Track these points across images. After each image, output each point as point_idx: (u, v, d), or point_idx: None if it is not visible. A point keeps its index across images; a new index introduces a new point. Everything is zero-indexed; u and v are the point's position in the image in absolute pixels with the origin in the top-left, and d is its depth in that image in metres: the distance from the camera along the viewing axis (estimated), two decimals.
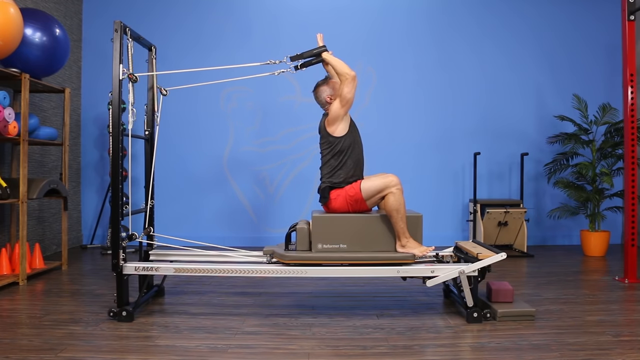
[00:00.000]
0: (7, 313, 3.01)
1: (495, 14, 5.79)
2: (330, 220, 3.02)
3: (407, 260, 2.94)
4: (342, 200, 3.08)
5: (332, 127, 3.14)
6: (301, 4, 5.73)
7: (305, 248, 3.01)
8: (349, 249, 2.98)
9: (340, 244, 2.99)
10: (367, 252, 2.99)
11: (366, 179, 3.10)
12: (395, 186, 2.99)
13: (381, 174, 3.12)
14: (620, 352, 2.39)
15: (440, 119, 5.75)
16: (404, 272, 2.91)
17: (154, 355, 2.36)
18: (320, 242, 2.99)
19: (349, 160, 3.13)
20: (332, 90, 3.21)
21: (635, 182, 3.89)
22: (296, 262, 2.95)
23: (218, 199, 5.66)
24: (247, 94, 5.70)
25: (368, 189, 3.05)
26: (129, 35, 2.97)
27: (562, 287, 3.71)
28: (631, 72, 3.88)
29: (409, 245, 3.00)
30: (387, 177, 3.03)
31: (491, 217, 5.15)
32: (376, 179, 3.07)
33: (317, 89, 3.25)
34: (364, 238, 3.01)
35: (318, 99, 3.26)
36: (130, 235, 3.02)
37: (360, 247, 3.00)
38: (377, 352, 2.41)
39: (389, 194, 2.99)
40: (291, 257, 2.95)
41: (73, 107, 5.42)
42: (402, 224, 2.97)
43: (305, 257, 2.96)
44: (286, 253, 2.98)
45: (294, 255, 2.96)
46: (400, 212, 2.96)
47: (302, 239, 3.02)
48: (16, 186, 3.79)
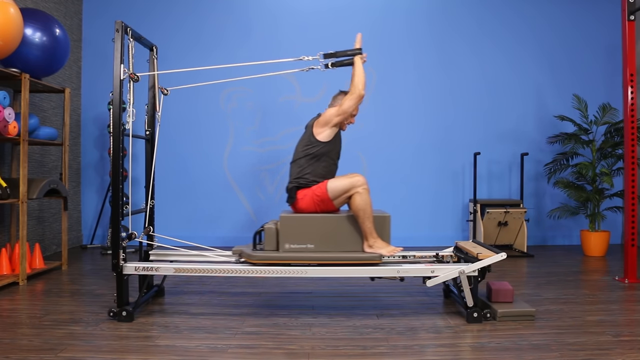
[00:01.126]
0: (7, 313, 3.01)
1: (495, 14, 5.79)
2: (297, 220, 3.02)
3: (375, 260, 2.94)
4: (309, 200, 3.08)
5: (318, 129, 3.15)
6: (301, 4, 5.73)
7: (272, 248, 3.02)
8: (317, 249, 2.99)
9: (308, 244, 2.99)
10: (334, 252, 2.99)
11: (333, 179, 3.09)
12: (361, 186, 2.99)
13: (348, 174, 3.10)
14: (620, 352, 2.39)
15: (440, 119, 5.75)
16: (404, 272, 2.91)
17: (154, 355, 2.36)
18: (288, 242, 2.99)
19: (320, 167, 3.13)
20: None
21: (635, 182, 3.89)
22: (263, 262, 2.95)
23: (218, 199, 5.66)
24: (247, 94, 5.70)
25: (334, 189, 3.03)
26: (130, 35, 2.97)
27: (562, 287, 3.71)
28: (631, 72, 3.88)
29: (376, 245, 2.99)
30: (354, 177, 3.02)
31: (491, 217, 5.15)
32: (343, 178, 3.06)
33: (340, 95, 3.26)
34: (331, 238, 3.01)
35: (335, 98, 3.27)
36: (130, 235, 3.02)
37: (327, 247, 3.00)
38: (377, 352, 2.41)
39: (355, 194, 2.98)
40: (258, 256, 2.96)
41: (73, 107, 5.42)
42: (369, 223, 2.96)
43: (272, 257, 2.96)
44: (253, 253, 2.98)
45: (261, 255, 2.96)
46: (366, 212, 2.95)
47: (270, 238, 3.02)
48: (16, 186, 3.79)
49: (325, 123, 3.13)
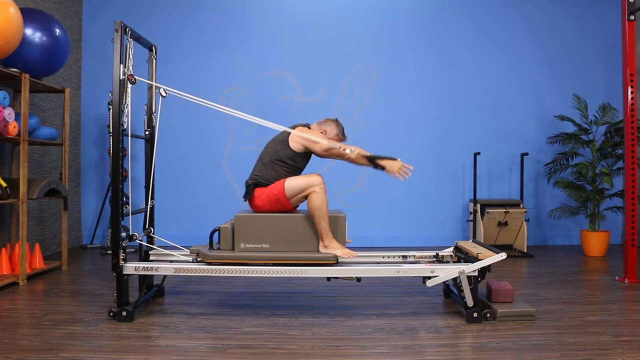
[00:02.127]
0: (7, 313, 3.01)
1: (495, 14, 5.79)
2: (253, 219, 3.01)
3: (330, 261, 2.93)
4: (265, 198, 3.07)
5: (295, 140, 3.16)
6: (301, 4, 5.73)
7: (228, 247, 3.02)
8: (272, 249, 2.98)
9: (263, 244, 2.99)
10: (290, 252, 2.99)
11: (290, 178, 3.08)
12: (318, 185, 2.99)
13: (306, 174, 3.11)
14: (620, 352, 2.39)
15: (440, 119, 5.75)
16: (404, 272, 2.91)
17: (154, 355, 2.36)
18: (243, 242, 2.99)
19: (283, 171, 3.13)
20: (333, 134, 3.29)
21: (635, 182, 3.89)
22: (218, 261, 2.94)
23: (218, 199, 5.66)
24: (247, 94, 5.70)
25: (291, 188, 3.03)
26: (130, 35, 2.97)
27: (562, 287, 3.71)
28: (631, 72, 3.88)
29: (331, 245, 2.98)
30: (311, 177, 3.03)
31: (491, 217, 5.15)
32: (300, 178, 3.06)
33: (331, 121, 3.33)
34: (287, 238, 3.01)
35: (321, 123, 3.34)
36: (131, 236, 3.02)
37: (283, 246, 3.00)
38: (377, 352, 2.41)
39: (312, 193, 2.97)
40: (214, 256, 2.95)
41: (73, 107, 5.42)
42: (325, 223, 2.96)
43: (227, 256, 2.96)
44: (209, 252, 2.98)
45: (217, 255, 2.96)
46: (322, 211, 2.94)
47: (226, 238, 3.02)
48: (16, 186, 3.79)
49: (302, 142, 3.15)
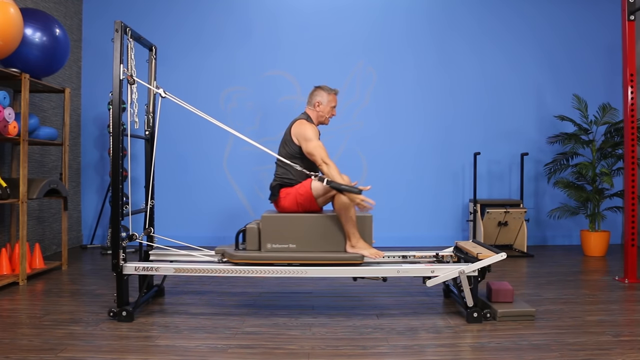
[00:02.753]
0: (7, 313, 3.01)
1: (495, 14, 5.79)
2: (279, 220, 3.01)
3: (356, 261, 2.93)
4: (291, 199, 3.09)
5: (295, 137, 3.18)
6: (301, 4, 5.73)
7: (254, 248, 3.02)
8: (298, 249, 2.98)
9: (290, 244, 2.99)
10: (316, 252, 2.98)
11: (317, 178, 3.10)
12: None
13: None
14: (620, 352, 2.39)
15: (440, 119, 5.75)
16: (404, 271, 2.91)
17: (154, 355, 2.36)
18: (270, 242, 2.99)
19: (303, 166, 3.14)
20: (326, 102, 3.27)
21: (635, 182, 3.89)
22: (245, 261, 2.94)
23: (218, 199, 5.66)
24: (247, 94, 5.70)
25: (318, 188, 3.03)
26: (130, 35, 2.97)
27: (562, 287, 3.71)
28: (631, 72, 3.88)
29: (358, 245, 2.98)
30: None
31: (491, 217, 5.15)
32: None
33: (319, 90, 3.31)
34: (314, 238, 3.01)
35: (311, 96, 3.33)
36: (131, 236, 3.02)
37: (309, 246, 3.00)
38: (377, 352, 2.41)
39: (338, 194, 2.98)
40: (240, 256, 2.95)
41: (73, 107, 5.42)
42: (352, 224, 2.96)
43: (254, 256, 2.96)
44: (235, 252, 2.98)
45: (243, 255, 2.96)
46: (349, 211, 2.94)
47: (252, 238, 3.02)
48: (16, 186, 3.79)
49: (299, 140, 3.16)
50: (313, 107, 3.29)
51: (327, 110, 3.28)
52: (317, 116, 3.29)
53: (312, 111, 3.30)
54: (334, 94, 3.30)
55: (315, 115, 3.29)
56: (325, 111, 3.28)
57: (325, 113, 3.28)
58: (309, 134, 3.11)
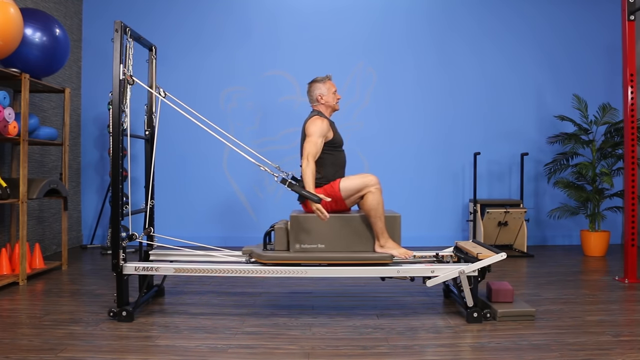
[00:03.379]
0: (7, 313, 3.01)
1: (495, 14, 5.79)
2: (308, 220, 3.00)
3: (385, 260, 2.93)
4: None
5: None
6: (301, 4, 5.73)
7: (283, 248, 3.01)
8: (327, 249, 2.98)
9: (319, 244, 2.98)
10: (345, 252, 2.98)
11: (345, 178, 3.10)
12: (374, 185, 3.00)
13: (360, 173, 3.12)
14: (620, 352, 2.39)
15: (440, 119, 5.75)
16: (404, 272, 2.91)
17: (154, 355, 2.36)
18: (298, 242, 2.98)
19: (329, 162, 3.14)
20: (327, 91, 3.25)
21: (635, 182, 3.89)
22: (273, 262, 2.94)
23: (218, 199, 5.66)
24: (247, 94, 5.70)
25: (347, 188, 3.04)
26: (129, 35, 2.97)
27: (562, 287, 3.71)
28: (631, 72, 3.88)
29: (387, 245, 2.99)
30: (366, 177, 3.03)
31: (491, 217, 5.15)
32: (355, 178, 3.06)
33: (313, 84, 3.30)
34: (342, 238, 3.00)
35: (310, 93, 3.31)
36: (130, 236, 3.02)
37: (338, 247, 2.99)
38: (377, 352, 2.41)
39: (368, 193, 2.98)
40: (269, 257, 2.95)
41: (73, 107, 5.42)
42: (381, 223, 2.97)
43: (282, 257, 2.96)
44: (264, 253, 2.98)
45: (272, 255, 2.95)
46: (378, 211, 2.95)
47: (280, 238, 3.02)
48: (16, 186, 3.79)
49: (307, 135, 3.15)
50: (318, 102, 3.27)
51: (331, 98, 3.26)
52: (326, 107, 3.27)
53: (319, 106, 3.27)
54: (328, 80, 3.28)
55: (324, 108, 3.27)
56: (330, 99, 3.26)
57: (331, 100, 3.26)
58: (312, 130, 3.10)
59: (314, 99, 3.28)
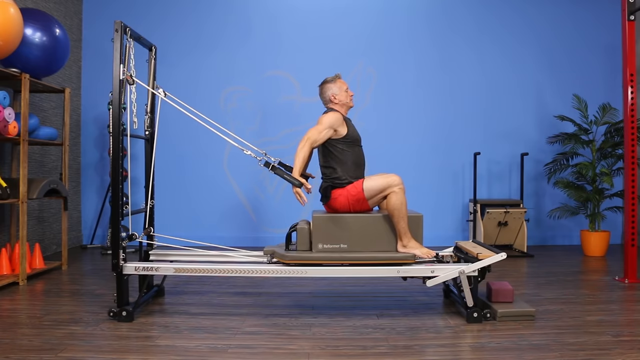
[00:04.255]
0: (7, 313, 3.01)
1: (495, 14, 5.79)
2: (330, 220, 3.01)
3: (408, 260, 2.94)
4: (343, 200, 3.08)
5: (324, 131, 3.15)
6: (301, 4, 5.73)
7: (305, 248, 3.01)
8: (350, 249, 2.98)
9: (341, 244, 2.98)
10: (367, 252, 2.98)
11: (368, 178, 3.10)
12: (397, 185, 3.00)
13: (383, 173, 3.13)
14: (620, 352, 2.39)
15: (440, 119, 5.75)
16: (404, 272, 2.91)
17: (154, 355, 2.36)
18: (321, 242, 2.98)
19: (349, 161, 3.14)
20: (338, 90, 3.24)
21: (635, 182, 3.89)
22: (297, 262, 2.94)
23: (218, 199, 5.66)
24: (247, 94, 5.70)
25: (370, 188, 3.05)
26: (129, 35, 2.97)
27: (562, 287, 3.71)
28: (631, 72, 3.88)
29: (410, 245, 3.00)
30: (390, 177, 3.04)
31: (491, 217, 5.15)
32: (378, 178, 3.07)
33: (324, 85, 3.29)
34: (365, 238, 3.00)
35: (322, 95, 3.30)
36: (130, 235, 3.02)
37: (361, 247, 2.99)
38: (377, 352, 2.41)
39: (392, 194, 2.99)
40: (292, 257, 2.95)
41: (73, 107, 5.42)
42: (404, 223, 2.98)
43: (305, 257, 2.96)
44: (287, 253, 2.98)
45: (295, 255, 2.96)
46: (402, 211, 2.97)
47: (303, 239, 3.01)
48: (16, 186, 3.79)
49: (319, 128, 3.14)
50: (332, 102, 3.25)
51: (344, 96, 3.25)
52: (341, 106, 3.25)
53: (333, 105, 3.26)
54: (339, 79, 3.28)
55: (339, 107, 3.25)
56: (343, 97, 3.24)
57: (345, 98, 3.25)
58: (323, 120, 3.11)
59: (327, 100, 3.27)
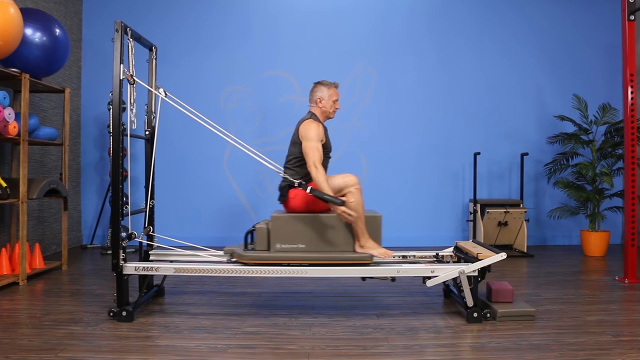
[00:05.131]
0: (7, 313, 3.01)
1: (495, 14, 5.79)
2: (288, 220, 3.01)
3: (365, 260, 2.94)
4: (300, 199, 3.07)
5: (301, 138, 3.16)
6: (301, 4, 5.73)
7: (264, 248, 3.02)
8: (308, 249, 2.98)
9: (299, 244, 2.99)
10: (325, 252, 2.99)
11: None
12: (353, 185, 2.99)
13: (342, 173, 3.10)
14: (620, 352, 2.39)
15: (440, 119, 5.75)
16: (404, 272, 2.91)
17: (154, 355, 2.36)
18: (279, 242, 2.99)
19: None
20: (327, 97, 3.22)
21: (635, 182, 3.89)
22: (254, 261, 2.94)
23: (218, 199, 5.66)
24: (247, 94, 5.70)
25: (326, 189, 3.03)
26: (130, 35, 2.97)
27: (562, 287, 3.71)
28: (631, 72, 3.88)
29: (368, 245, 2.98)
30: (346, 177, 3.02)
31: (491, 217, 5.15)
32: (335, 178, 3.05)
33: (318, 85, 3.27)
34: (323, 238, 3.01)
35: (311, 93, 3.29)
36: (130, 235, 3.02)
37: (318, 247, 3.00)
38: (377, 352, 2.41)
39: (348, 194, 2.97)
40: (249, 256, 2.95)
41: (73, 107, 5.42)
42: (361, 224, 2.96)
43: (263, 256, 2.96)
44: (245, 253, 2.98)
45: (252, 255, 2.96)
46: (358, 211, 2.94)
47: (261, 238, 3.02)
48: (16, 186, 3.79)
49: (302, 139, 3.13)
50: (316, 104, 3.24)
51: (329, 105, 3.22)
52: (322, 112, 3.24)
53: (315, 108, 3.25)
54: (334, 88, 3.24)
55: (320, 112, 3.24)
56: (328, 106, 3.22)
57: (329, 108, 3.22)
58: (310, 134, 3.08)
59: (313, 100, 3.26)
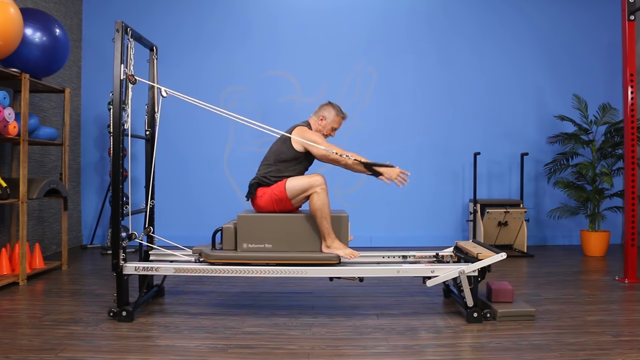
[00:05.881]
0: (7, 313, 3.01)
1: (495, 14, 5.79)
2: (255, 219, 3.02)
3: (332, 261, 2.94)
4: (267, 198, 3.08)
5: (295, 142, 3.16)
6: (301, 4, 5.73)
7: (231, 247, 3.02)
8: (274, 249, 2.99)
9: (266, 244, 2.99)
10: (292, 252, 2.99)
11: (292, 178, 3.09)
12: (319, 186, 2.99)
13: (309, 174, 3.11)
14: (620, 352, 2.39)
15: (440, 119, 5.75)
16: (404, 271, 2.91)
17: (154, 355, 2.36)
18: (246, 242, 2.99)
19: (288, 171, 3.14)
20: (331, 121, 3.27)
21: (635, 182, 3.89)
22: (220, 261, 2.95)
23: (218, 199, 5.66)
24: (247, 94, 5.70)
25: (292, 188, 3.04)
26: (130, 35, 2.97)
27: (562, 287, 3.72)
28: (631, 72, 3.88)
29: (334, 246, 2.99)
30: (312, 177, 3.03)
31: (491, 217, 5.15)
32: (302, 178, 3.06)
33: (329, 106, 3.31)
34: (289, 238, 3.01)
35: (320, 108, 3.33)
36: (130, 236, 3.02)
37: (285, 246, 3.01)
38: (377, 352, 2.41)
39: (313, 194, 2.98)
40: (216, 256, 2.96)
41: (73, 107, 5.42)
42: (327, 224, 2.97)
43: (230, 256, 2.97)
44: (212, 252, 2.99)
45: (219, 255, 2.97)
46: (324, 212, 2.95)
47: (228, 238, 3.02)
48: (16, 186, 3.79)
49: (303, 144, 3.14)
50: (317, 119, 3.29)
51: (328, 128, 3.28)
52: (317, 128, 3.28)
53: (314, 122, 3.29)
54: (341, 117, 3.30)
55: (316, 127, 3.28)
56: (326, 128, 3.28)
57: (325, 130, 3.28)
58: (318, 139, 3.11)
59: (317, 114, 3.31)
